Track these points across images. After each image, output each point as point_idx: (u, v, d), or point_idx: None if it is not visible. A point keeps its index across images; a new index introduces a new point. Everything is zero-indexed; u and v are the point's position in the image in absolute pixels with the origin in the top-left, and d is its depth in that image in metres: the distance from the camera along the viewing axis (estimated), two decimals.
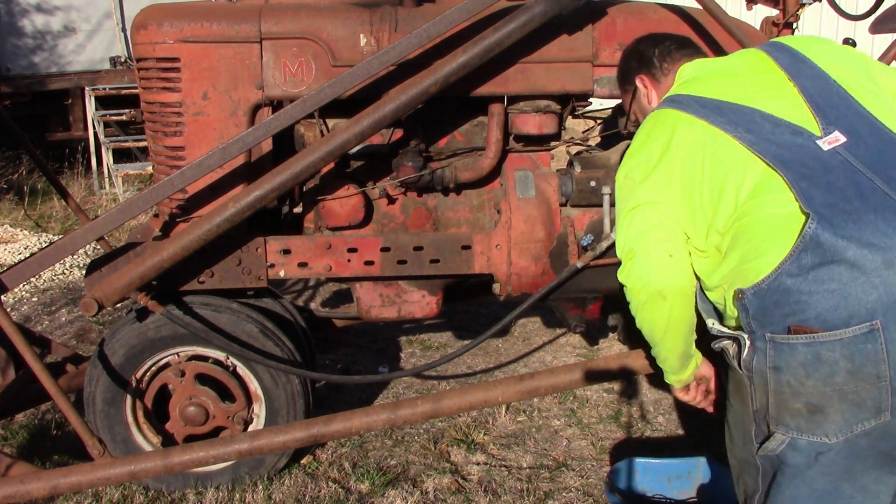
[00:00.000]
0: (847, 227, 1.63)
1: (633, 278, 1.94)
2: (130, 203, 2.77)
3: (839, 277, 1.62)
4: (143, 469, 2.70)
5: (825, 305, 1.63)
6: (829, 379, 1.64)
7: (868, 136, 1.80)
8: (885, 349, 1.60)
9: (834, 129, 1.81)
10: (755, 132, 1.84)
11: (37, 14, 9.65)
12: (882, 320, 1.60)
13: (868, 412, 1.65)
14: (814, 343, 1.64)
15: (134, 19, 2.99)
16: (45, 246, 4.40)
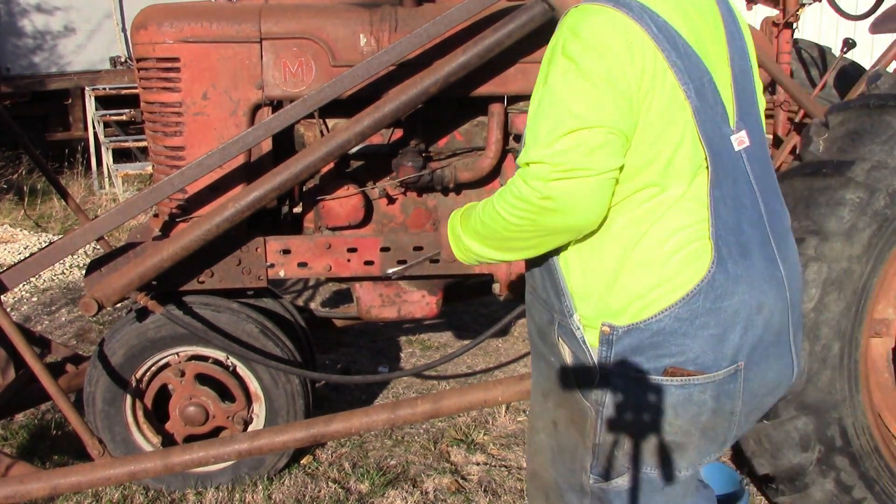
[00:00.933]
0: (737, 268, 1.54)
1: (563, 195, 1.46)
2: (130, 203, 2.77)
3: (722, 322, 1.54)
4: (143, 469, 2.69)
5: (702, 349, 1.55)
6: (696, 418, 1.60)
7: (759, 148, 1.63)
8: (741, 388, 1.60)
9: (743, 128, 1.60)
10: (702, 98, 1.53)
11: (37, 14, 9.65)
12: (745, 361, 1.59)
13: (717, 445, 1.67)
14: (688, 385, 1.57)
15: (134, 19, 2.99)
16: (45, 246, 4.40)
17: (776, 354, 1.63)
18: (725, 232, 1.53)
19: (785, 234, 1.67)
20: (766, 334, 1.60)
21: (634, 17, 1.47)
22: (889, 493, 2.60)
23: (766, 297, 1.58)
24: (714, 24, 1.63)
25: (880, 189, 2.48)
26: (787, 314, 1.63)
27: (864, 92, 2.87)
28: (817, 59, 4.01)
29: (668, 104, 1.49)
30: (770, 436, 2.56)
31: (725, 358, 1.56)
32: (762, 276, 1.58)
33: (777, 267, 1.61)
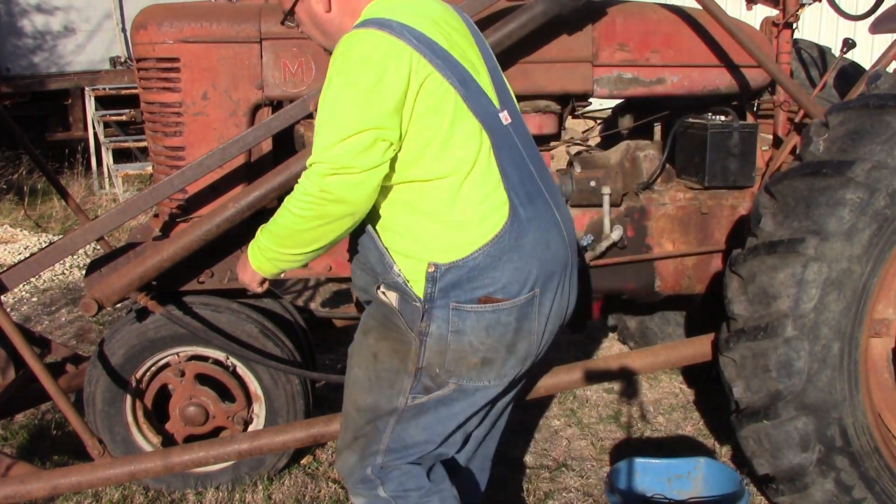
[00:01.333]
0: (527, 212, 1.91)
1: (343, 192, 1.79)
2: (130, 203, 2.77)
3: (523, 257, 1.90)
4: (143, 469, 2.69)
5: (509, 279, 1.90)
6: (503, 336, 1.94)
7: (518, 123, 2.02)
8: (537, 311, 1.95)
9: (504, 108, 1.99)
10: (466, 87, 1.87)
11: (37, 14, 9.66)
12: (540, 289, 1.94)
13: (518, 360, 1.99)
14: (498, 310, 1.91)
15: (134, 19, 2.99)
16: (45, 246, 4.41)
17: (561, 284, 2.00)
18: (513, 185, 1.90)
19: (556, 189, 2.07)
20: (554, 266, 1.96)
21: (395, 34, 1.80)
22: (889, 493, 2.59)
23: (551, 235, 1.96)
24: (464, 34, 2.01)
25: (880, 189, 2.48)
26: (567, 251, 2.01)
27: (864, 92, 2.87)
28: (817, 59, 4.01)
29: (436, 96, 1.82)
30: (770, 436, 2.56)
31: (526, 286, 1.91)
32: (546, 218, 1.96)
33: (553, 212, 1.99)
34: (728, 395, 2.67)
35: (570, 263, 2.03)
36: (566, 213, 2.06)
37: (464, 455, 2.30)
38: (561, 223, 2.00)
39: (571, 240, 2.05)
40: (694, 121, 3.15)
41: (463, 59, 1.91)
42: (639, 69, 3.08)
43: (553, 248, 1.96)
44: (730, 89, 3.17)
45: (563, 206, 2.06)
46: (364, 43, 1.80)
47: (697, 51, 3.09)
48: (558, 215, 2.01)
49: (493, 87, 1.99)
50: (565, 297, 2.04)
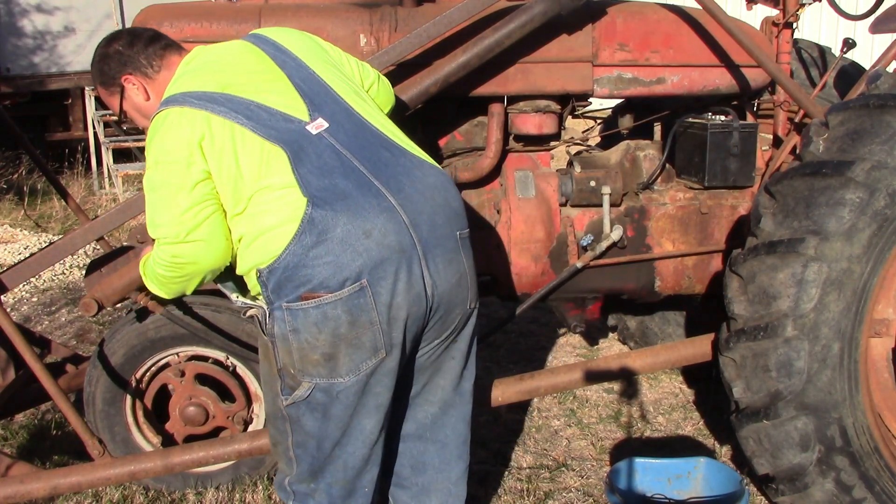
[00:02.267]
0: (336, 207, 1.94)
1: (193, 256, 2.07)
2: (130, 203, 2.77)
3: (332, 251, 1.93)
4: (143, 469, 2.69)
5: (325, 274, 1.93)
6: (336, 331, 1.96)
7: (345, 122, 2.10)
8: (373, 301, 1.96)
9: (318, 116, 2.09)
10: (254, 119, 2.04)
11: (37, 14, 9.66)
12: (368, 278, 1.94)
13: (367, 352, 1.99)
14: (321, 305, 1.95)
15: (134, 19, 2.99)
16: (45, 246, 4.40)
17: (405, 268, 1.98)
18: (319, 190, 1.96)
19: (401, 171, 2.07)
20: (384, 254, 1.96)
21: (178, 104, 2.05)
22: (889, 492, 2.59)
23: (373, 224, 1.95)
24: (258, 63, 2.19)
25: (880, 189, 2.48)
26: (407, 233, 1.99)
27: (864, 92, 2.87)
28: (817, 59, 4.01)
29: (218, 138, 2.01)
30: (770, 436, 2.56)
31: (348, 278, 1.93)
32: (365, 208, 1.96)
33: (385, 199, 1.99)
34: (728, 395, 2.67)
35: (414, 245, 2.00)
36: (414, 194, 2.04)
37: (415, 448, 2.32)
38: (398, 207, 1.99)
39: (418, 220, 2.02)
40: (694, 121, 3.15)
41: (248, 91, 2.08)
42: (639, 69, 3.08)
43: (377, 235, 1.95)
44: (730, 89, 3.17)
45: (410, 187, 2.05)
46: (159, 130, 2.07)
47: (697, 51, 3.09)
48: (394, 200, 2.00)
49: (303, 100, 2.11)
50: (418, 279, 2.00)
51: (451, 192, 2.14)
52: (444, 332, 2.15)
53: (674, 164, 3.24)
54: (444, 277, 2.06)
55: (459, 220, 2.13)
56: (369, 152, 2.07)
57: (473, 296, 2.17)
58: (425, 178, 2.10)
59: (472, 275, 2.15)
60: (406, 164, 2.10)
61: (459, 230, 2.12)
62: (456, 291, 2.10)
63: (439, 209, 2.07)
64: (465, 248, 2.13)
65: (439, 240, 2.05)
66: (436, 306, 2.07)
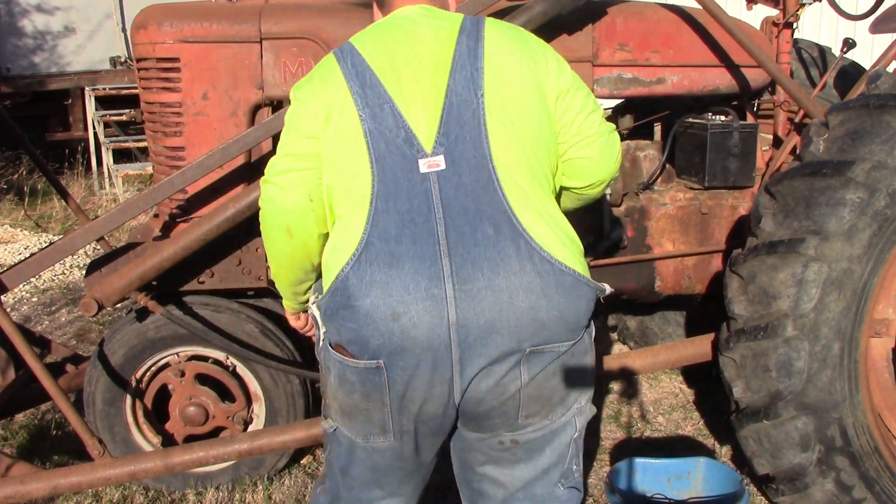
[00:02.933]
0: (376, 275, 1.73)
1: (270, 203, 1.91)
2: (130, 203, 2.77)
3: (356, 320, 1.75)
4: (143, 469, 2.69)
5: (349, 338, 1.78)
6: (351, 395, 1.83)
7: (468, 172, 1.76)
8: (387, 384, 1.77)
9: (441, 152, 1.76)
10: (378, 121, 1.78)
11: (37, 14, 9.66)
12: (385, 361, 1.75)
13: (377, 428, 1.85)
14: (344, 363, 1.81)
15: (134, 19, 2.99)
16: (45, 246, 4.40)
17: (429, 369, 1.74)
18: (379, 241, 1.74)
19: (490, 258, 1.73)
20: (407, 344, 1.72)
21: (340, 59, 1.85)
22: (889, 492, 2.59)
23: (406, 309, 1.71)
24: (437, 59, 1.82)
25: (880, 189, 2.48)
26: (445, 333, 1.71)
27: (864, 92, 2.87)
28: (817, 59, 4.01)
29: (345, 125, 1.78)
30: (770, 436, 2.56)
31: (366, 352, 1.76)
32: (407, 288, 1.72)
33: (440, 286, 1.71)
34: (728, 395, 2.67)
35: (448, 346, 1.72)
36: (484, 293, 1.72)
37: None
38: (449, 300, 1.71)
39: (470, 322, 1.71)
40: (694, 121, 3.15)
41: (398, 83, 1.80)
42: (639, 69, 3.08)
43: (404, 323, 1.71)
44: (730, 89, 3.17)
45: (486, 284, 1.72)
46: (317, 66, 1.92)
47: (697, 51, 3.09)
48: (451, 291, 1.71)
49: (439, 125, 1.77)
50: (443, 381, 1.75)
51: (550, 301, 1.74)
52: (487, 430, 1.88)
53: (674, 165, 3.24)
54: (478, 389, 1.78)
55: (540, 332, 1.75)
56: (469, 221, 1.74)
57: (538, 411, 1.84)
58: (520, 274, 1.73)
59: (529, 393, 1.80)
60: (505, 251, 1.73)
61: (533, 344, 1.75)
62: (491, 408, 1.81)
63: (512, 315, 1.73)
64: (532, 363, 1.77)
65: (487, 351, 1.74)
66: (463, 411, 1.82)
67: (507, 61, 1.83)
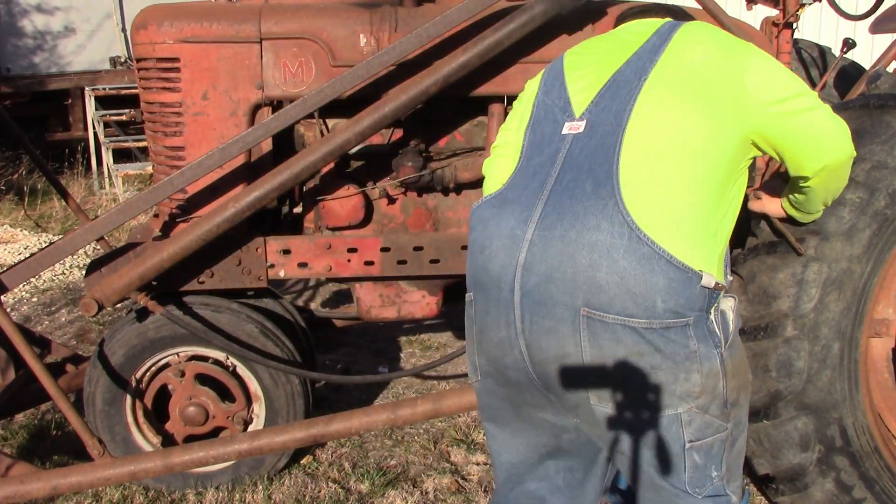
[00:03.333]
0: (486, 213, 1.87)
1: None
2: (130, 203, 2.77)
3: (470, 253, 1.90)
4: (143, 469, 2.70)
5: (467, 272, 1.92)
6: (469, 329, 1.92)
7: (597, 138, 1.81)
8: (474, 318, 1.87)
9: (586, 118, 1.86)
10: (547, 94, 1.98)
11: (37, 14, 9.66)
12: (473, 294, 1.88)
13: (471, 366, 1.94)
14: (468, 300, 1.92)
15: (134, 19, 2.99)
16: (45, 246, 4.40)
17: (496, 306, 1.81)
18: (508, 188, 1.89)
19: (574, 211, 1.75)
20: (483, 277, 1.84)
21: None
22: (889, 492, 2.60)
23: (490, 244, 1.83)
24: (620, 52, 1.94)
25: (880, 189, 2.48)
26: (512, 272, 1.77)
27: (864, 92, 2.87)
28: (817, 59, 4.01)
29: (526, 99, 2.06)
30: (770, 436, 2.56)
31: (469, 284, 1.90)
32: (499, 226, 1.83)
33: (524, 229, 1.78)
34: None
35: (511, 288, 1.77)
36: (558, 244, 1.73)
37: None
38: (525, 242, 1.76)
39: (534, 267, 1.75)
40: None
41: (575, 66, 1.99)
42: None
43: (486, 255, 1.81)
44: None
45: (559, 235, 1.74)
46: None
47: None
48: (531, 235, 1.76)
49: (594, 96, 1.88)
50: (506, 325, 1.78)
51: (613, 265, 1.69)
52: (564, 410, 1.86)
53: None
54: (538, 343, 1.76)
55: (597, 294, 1.70)
56: (576, 177, 1.78)
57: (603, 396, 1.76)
58: (592, 231, 1.72)
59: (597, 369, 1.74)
60: (591, 207, 1.73)
61: (588, 308, 1.70)
62: (556, 373, 1.77)
63: (569, 268, 1.72)
64: (593, 331, 1.71)
65: (545, 298, 1.73)
66: (538, 372, 1.80)
67: (689, 57, 1.86)
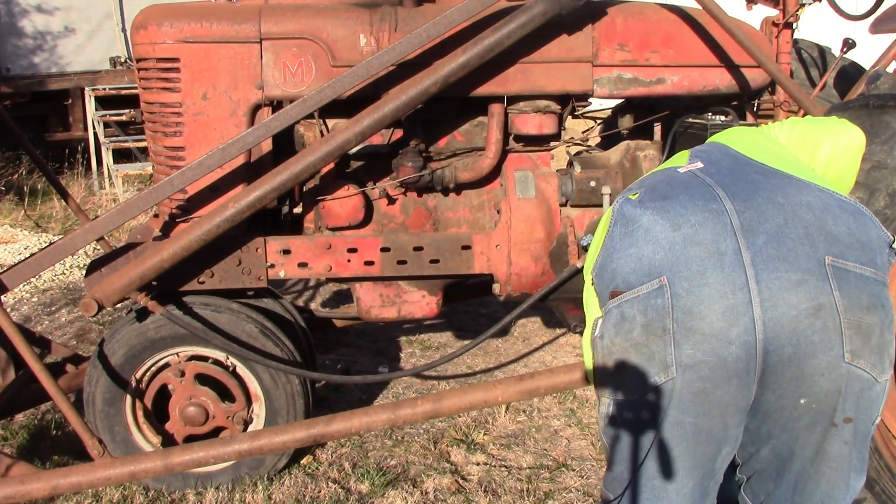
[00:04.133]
0: (650, 202, 1.81)
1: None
2: (130, 203, 2.77)
3: (636, 241, 1.77)
4: (143, 469, 2.69)
5: (628, 268, 1.77)
6: (629, 334, 1.74)
7: (725, 163, 1.90)
8: (670, 303, 1.70)
9: (697, 161, 1.93)
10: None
11: (37, 14, 9.65)
12: (668, 276, 1.71)
13: (657, 366, 1.72)
14: (622, 304, 1.76)
15: (134, 19, 2.99)
16: (45, 246, 4.40)
17: (718, 273, 1.67)
18: (647, 193, 1.85)
19: (765, 188, 1.78)
20: (691, 251, 1.71)
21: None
22: (889, 492, 2.59)
23: (686, 220, 1.74)
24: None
25: (880, 189, 2.48)
26: (732, 237, 1.70)
27: (864, 92, 2.87)
28: (817, 59, 4.01)
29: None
30: None
31: (647, 273, 1.74)
32: (684, 206, 1.77)
33: (718, 203, 1.76)
34: None
35: (737, 251, 1.70)
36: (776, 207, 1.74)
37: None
38: (730, 211, 1.74)
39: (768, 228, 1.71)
40: (694, 121, 3.15)
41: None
42: (639, 69, 3.08)
43: (687, 230, 1.74)
44: (730, 89, 3.17)
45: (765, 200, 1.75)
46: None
47: (697, 51, 3.09)
48: (729, 205, 1.75)
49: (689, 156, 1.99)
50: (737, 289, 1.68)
51: (837, 217, 1.73)
52: (793, 391, 1.70)
53: None
54: (784, 299, 1.65)
55: (835, 245, 1.69)
56: (736, 175, 1.84)
57: (855, 349, 1.67)
58: (798, 195, 1.76)
59: (849, 318, 1.66)
60: (779, 183, 1.80)
61: (832, 256, 1.68)
62: (808, 324, 1.65)
63: (799, 224, 1.71)
64: (841, 279, 1.66)
65: (784, 252, 1.68)
66: (772, 341, 1.66)
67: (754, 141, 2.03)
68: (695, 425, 1.73)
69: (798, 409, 1.71)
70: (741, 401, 1.71)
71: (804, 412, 1.71)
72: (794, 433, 1.75)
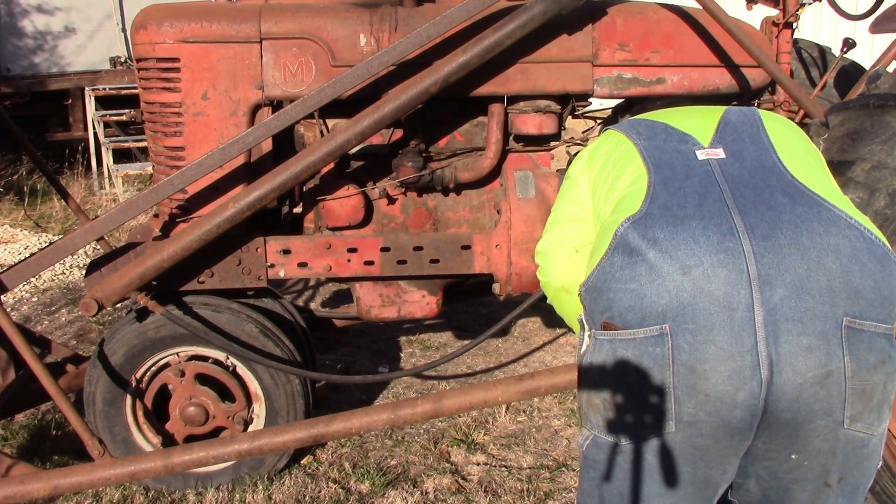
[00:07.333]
0: (659, 234, 1.63)
1: (541, 275, 2.06)
2: (130, 203, 2.77)
3: (639, 277, 1.61)
4: (143, 469, 2.69)
5: (626, 304, 1.62)
6: (622, 377, 1.62)
7: (749, 161, 1.77)
8: (671, 356, 1.57)
9: (721, 146, 1.80)
10: (651, 139, 1.86)
11: (37, 14, 9.65)
12: (671, 325, 1.57)
13: (653, 417, 1.61)
14: (614, 340, 1.63)
15: (134, 19, 2.99)
16: (45, 246, 4.40)
17: (727, 333, 1.55)
18: (658, 209, 1.67)
19: (790, 219, 1.63)
20: (700, 301, 1.56)
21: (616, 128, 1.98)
22: (889, 492, 2.59)
23: (698, 261, 1.58)
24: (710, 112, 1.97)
25: (880, 189, 2.48)
26: (746, 291, 1.56)
27: (864, 92, 2.87)
28: (817, 59, 4.01)
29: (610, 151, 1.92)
30: None
31: (647, 317, 1.59)
32: (697, 241, 1.60)
33: (735, 240, 1.60)
34: None
35: (750, 306, 1.55)
36: (800, 252, 1.59)
37: None
38: (748, 254, 1.58)
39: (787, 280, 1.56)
40: None
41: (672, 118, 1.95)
42: (639, 69, 3.08)
43: (698, 276, 1.57)
44: (730, 89, 3.17)
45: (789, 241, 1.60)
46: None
47: (697, 51, 3.09)
48: (747, 245, 1.60)
49: (716, 129, 1.86)
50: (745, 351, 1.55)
51: (864, 268, 1.59)
52: (784, 447, 1.62)
53: None
54: (792, 365, 1.54)
55: (856, 300, 1.57)
56: (758, 193, 1.68)
57: (855, 414, 1.59)
58: (827, 234, 1.61)
59: (854, 384, 1.57)
60: (804, 215, 1.63)
61: (850, 316, 1.56)
62: (812, 393, 1.55)
63: (823, 276, 1.57)
64: (853, 342, 1.56)
65: (800, 314, 1.55)
66: (772, 403, 1.56)
67: (788, 135, 1.90)
68: (693, 474, 1.65)
69: (788, 462, 1.65)
70: (741, 450, 1.66)
71: (794, 466, 1.65)
72: (784, 484, 1.68)
